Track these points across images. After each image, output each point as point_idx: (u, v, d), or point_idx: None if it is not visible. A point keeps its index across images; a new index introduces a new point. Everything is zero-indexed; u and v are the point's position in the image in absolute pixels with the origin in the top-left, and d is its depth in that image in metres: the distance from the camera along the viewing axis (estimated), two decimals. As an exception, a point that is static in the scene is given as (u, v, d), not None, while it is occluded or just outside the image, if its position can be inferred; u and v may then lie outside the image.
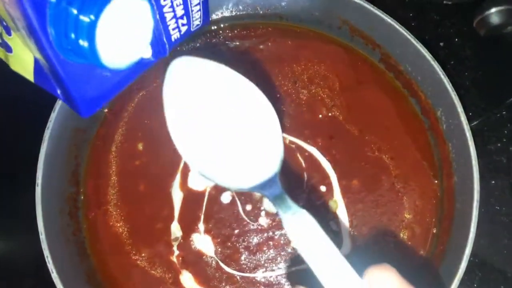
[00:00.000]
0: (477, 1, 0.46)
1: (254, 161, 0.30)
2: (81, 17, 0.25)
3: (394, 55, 0.51)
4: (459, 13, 0.58)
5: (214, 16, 0.56)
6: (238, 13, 0.56)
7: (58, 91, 0.31)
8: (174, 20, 0.33)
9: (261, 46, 0.55)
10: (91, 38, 0.26)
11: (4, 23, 0.28)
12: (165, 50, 0.33)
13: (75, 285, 0.46)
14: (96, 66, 0.27)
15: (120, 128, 0.54)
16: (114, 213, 0.52)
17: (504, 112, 0.57)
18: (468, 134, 0.44)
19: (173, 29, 0.33)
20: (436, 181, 0.51)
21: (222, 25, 0.56)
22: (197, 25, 0.36)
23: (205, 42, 0.57)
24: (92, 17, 0.25)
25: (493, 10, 0.40)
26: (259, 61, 0.55)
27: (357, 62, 0.54)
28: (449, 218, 0.48)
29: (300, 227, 0.27)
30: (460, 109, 0.44)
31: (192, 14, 0.34)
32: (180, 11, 0.33)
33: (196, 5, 0.34)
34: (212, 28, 0.56)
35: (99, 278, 0.50)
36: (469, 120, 0.48)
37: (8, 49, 0.30)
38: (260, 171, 0.29)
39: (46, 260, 0.43)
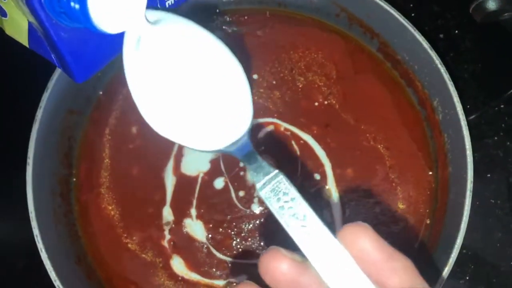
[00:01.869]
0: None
1: (224, 121, 0.28)
2: None
3: (392, 44, 0.50)
4: (460, 4, 0.58)
5: (211, 1, 0.55)
6: (235, -1, 0.55)
7: (52, 56, 0.30)
8: None
9: (259, 32, 0.55)
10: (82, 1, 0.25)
11: None
12: None
13: (65, 266, 0.45)
14: (90, 31, 0.26)
15: (114, 111, 0.54)
16: (106, 196, 0.52)
17: (502, 106, 0.56)
18: (464, 124, 0.43)
19: None
20: (430, 173, 0.51)
21: (218, 10, 0.56)
22: None
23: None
24: None
25: None
26: (256, 47, 0.54)
27: (355, 51, 0.54)
28: (442, 209, 0.48)
29: (273, 189, 0.26)
30: (456, 98, 0.44)
31: None
32: None
33: None
34: (209, 12, 0.56)
35: (89, 260, 0.50)
36: (467, 113, 0.47)
37: (3, 13, 0.30)
38: (230, 131, 0.28)
39: (36, 240, 0.43)
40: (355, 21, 0.52)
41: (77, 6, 0.25)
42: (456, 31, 0.58)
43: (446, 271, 0.42)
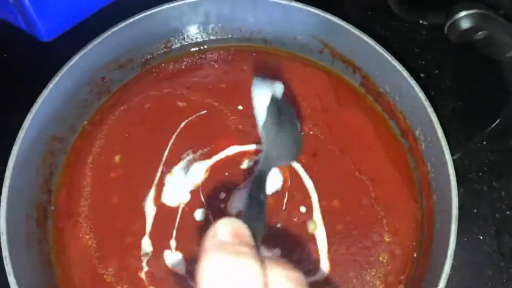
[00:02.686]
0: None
1: None
2: None
3: (373, 77, 0.52)
4: (439, 46, 0.61)
5: (200, 39, 0.57)
6: (223, 37, 0.57)
7: (18, 17, 0.30)
8: None
9: (245, 67, 0.57)
10: None
11: None
12: None
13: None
14: None
15: (98, 140, 0.53)
16: (84, 224, 0.50)
17: (484, 143, 0.57)
18: (446, 149, 0.44)
19: None
20: (416, 204, 0.50)
21: (206, 47, 0.58)
22: None
23: (191, 63, 0.58)
24: None
25: (463, 14, 0.41)
26: (242, 80, 0.55)
27: (338, 86, 0.55)
28: (428, 240, 0.47)
29: None
30: (437, 125, 0.44)
31: None
32: None
33: None
34: (199, 48, 0.58)
35: (61, 291, 0.47)
36: (451, 152, 0.48)
37: None
38: None
39: (4, 262, 0.41)
40: (338, 56, 0.53)
41: None
42: (437, 71, 0.60)
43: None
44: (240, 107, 0.54)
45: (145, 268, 0.48)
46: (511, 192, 0.54)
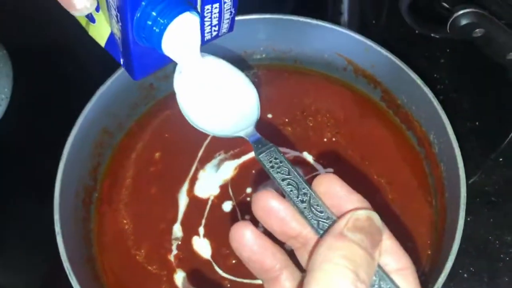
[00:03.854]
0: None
1: (240, 118, 0.40)
2: (159, 19, 0.34)
3: (392, 90, 0.57)
4: (458, 72, 0.66)
5: (240, 56, 0.64)
6: (256, 56, 0.64)
7: (121, 58, 0.39)
8: (209, 27, 0.42)
9: (276, 82, 0.63)
10: (160, 33, 0.35)
11: (98, 2, 0.37)
12: None
13: (76, 261, 0.47)
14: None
15: (142, 139, 0.60)
16: (123, 211, 0.55)
17: (500, 159, 0.59)
18: (455, 146, 0.47)
19: (207, 32, 0.42)
20: (431, 206, 0.53)
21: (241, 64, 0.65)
22: (224, 32, 0.44)
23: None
24: (165, 21, 0.34)
25: (461, 12, 0.46)
26: (272, 93, 0.62)
27: (361, 101, 0.60)
28: (441, 238, 0.49)
29: (267, 154, 0.33)
30: (446, 121, 0.49)
31: (222, 25, 0.43)
32: (215, 21, 0.42)
33: (227, 18, 0.42)
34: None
35: (97, 265, 0.52)
36: (469, 175, 0.51)
37: (92, 20, 0.39)
38: (243, 124, 0.39)
39: (55, 224, 0.46)
40: (360, 72, 0.59)
41: (157, 30, 0.34)
42: (455, 95, 0.64)
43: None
44: (269, 116, 0.60)
45: (174, 252, 0.53)
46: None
